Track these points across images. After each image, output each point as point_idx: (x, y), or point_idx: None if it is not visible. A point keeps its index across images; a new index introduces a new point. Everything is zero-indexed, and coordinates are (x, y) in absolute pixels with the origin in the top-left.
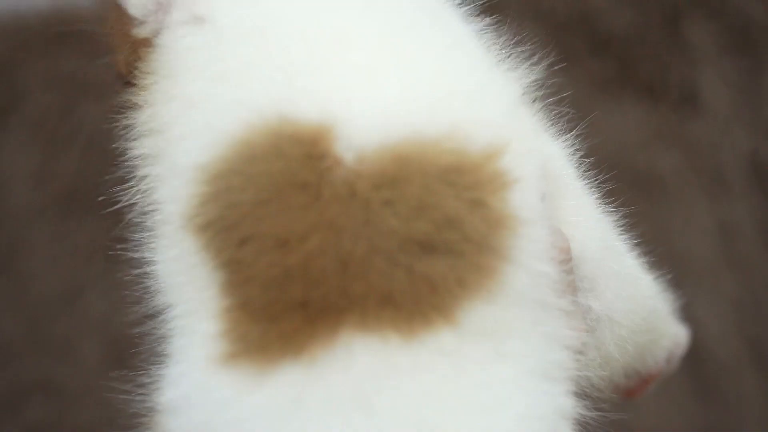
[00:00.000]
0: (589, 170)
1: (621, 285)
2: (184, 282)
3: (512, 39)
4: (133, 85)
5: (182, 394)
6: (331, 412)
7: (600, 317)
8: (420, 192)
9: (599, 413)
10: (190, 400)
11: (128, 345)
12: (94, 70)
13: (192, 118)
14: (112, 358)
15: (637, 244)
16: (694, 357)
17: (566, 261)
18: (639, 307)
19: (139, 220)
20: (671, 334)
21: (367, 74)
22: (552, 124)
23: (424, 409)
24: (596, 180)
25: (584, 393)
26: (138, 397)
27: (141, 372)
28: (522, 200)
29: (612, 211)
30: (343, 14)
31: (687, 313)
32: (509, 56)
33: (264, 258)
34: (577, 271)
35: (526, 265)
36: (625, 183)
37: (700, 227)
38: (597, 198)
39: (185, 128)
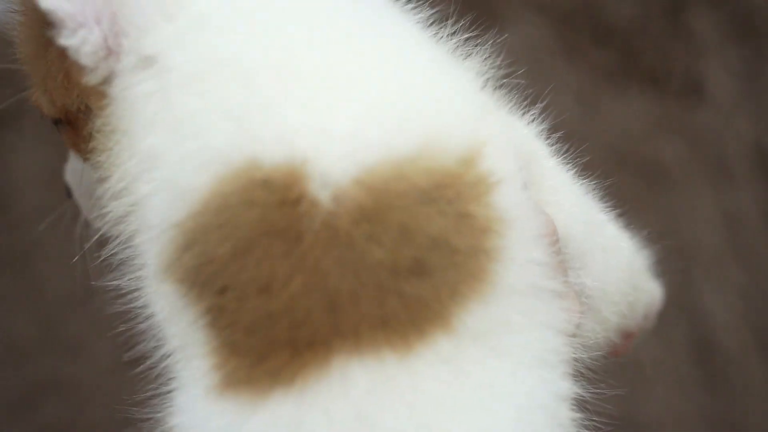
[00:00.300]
0: (561, 146)
1: (608, 256)
2: (174, 328)
3: (455, 24)
4: (58, 123)
5: (185, 423)
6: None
7: (594, 291)
8: (401, 218)
9: (598, 393)
10: (192, 428)
11: (137, 344)
12: None
13: (156, 174)
14: (123, 358)
15: (645, 236)
16: (702, 347)
17: (553, 243)
18: (625, 272)
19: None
20: (649, 290)
21: (327, 102)
22: (516, 105)
23: (427, 418)
24: (601, 169)
25: (581, 373)
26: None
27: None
28: (506, 200)
29: (588, 184)
30: (291, 44)
31: (695, 304)
32: (459, 44)
33: (245, 304)
34: (565, 250)
35: (516, 259)
36: (631, 172)
37: (706, 217)
38: (572, 173)
39: (151, 186)
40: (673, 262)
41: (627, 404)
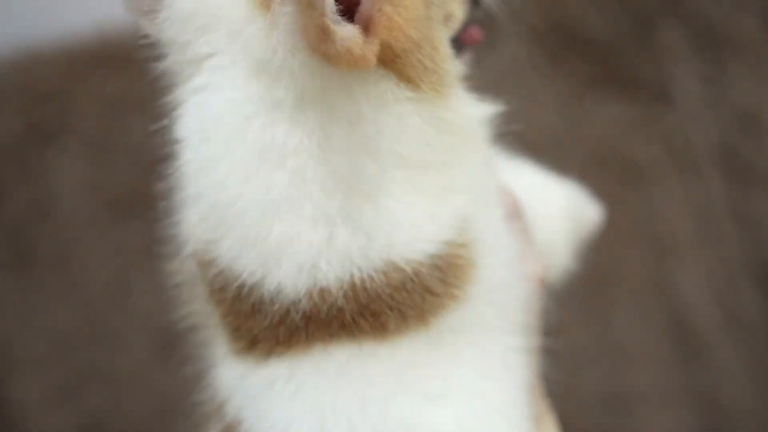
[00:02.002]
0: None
1: (540, 195)
2: (197, 302)
3: None
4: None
5: (216, 367)
6: (321, 381)
7: (537, 220)
8: (363, 301)
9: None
10: (220, 371)
11: (172, 337)
12: (135, 89)
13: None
14: (159, 349)
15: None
16: (678, 326)
17: (516, 213)
18: (558, 206)
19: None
20: (589, 216)
21: (285, 240)
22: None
23: (404, 371)
24: (584, 168)
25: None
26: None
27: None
28: (482, 243)
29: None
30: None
31: (671, 287)
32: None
33: (231, 321)
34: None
35: (487, 281)
36: (610, 171)
37: (678, 209)
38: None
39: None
40: (650, 249)
41: (610, 381)
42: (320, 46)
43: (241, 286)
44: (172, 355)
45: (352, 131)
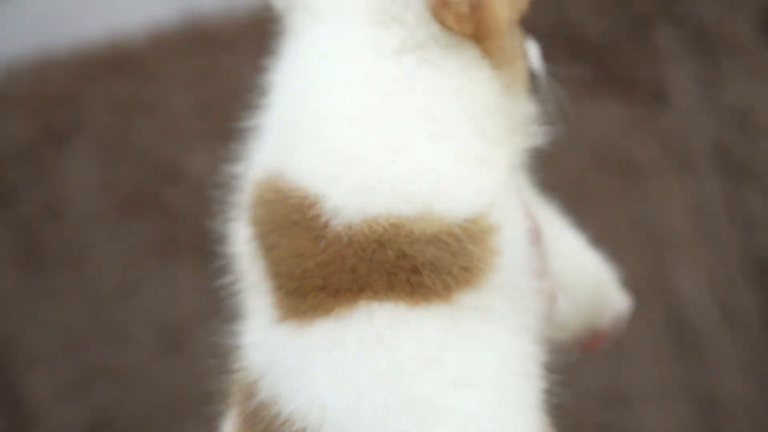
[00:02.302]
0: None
1: (576, 257)
2: (244, 263)
3: None
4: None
5: (253, 340)
6: (360, 349)
7: (562, 275)
8: (403, 248)
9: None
10: (258, 344)
11: (179, 333)
12: (143, 92)
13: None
14: (165, 345)
15: (622, 225)
16: (676, 322)
17: (537, 238)
18: (590, 278)
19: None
20: (615, 299)
21: (350, 155)
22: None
23: (430, 347)
24: (583, 166)
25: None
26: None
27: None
28: (503, 235)
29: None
30: (348, 113)
31: (669, 284)
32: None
33: (286, 263)
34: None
35: (505, 273)
36: (609, 169)
37: (675, 206)
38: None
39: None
40: (649, 247)
41: (611, 377)
42: (438, 11)
43: (303, 204)
44: (179, 351)
45: (440, 76)
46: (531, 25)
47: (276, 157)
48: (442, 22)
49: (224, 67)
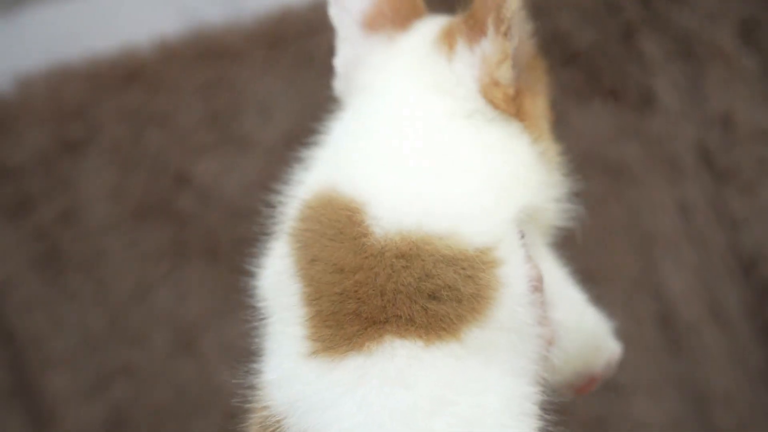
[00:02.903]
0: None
1: (574, 307)
2: (277, 291)
3: None
4: None
5: (279, 377)
6: (382, 386)
7: (560, 326)
8: (426, 267)
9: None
10: (284, 381)
11: (191, 333)
12: (154, 103)
13: (310, 165)
14: (178, 344)
15: (612, 225)
16: (664, 317)
17: (539, 287)
18: (586, 326)
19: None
20: (609, 348)
21: (395, 173)
22: None
23: (442, 388)
24: (574, 169)
25: (545, 385)
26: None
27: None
28: (506, 270)
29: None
30: (390, 132)
31: (656, 281)
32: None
33: (327, 277)
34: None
35: (506, 307)
36: (599, 171)
37: (662, 206)
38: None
39: (306, 170)
40: (638, 246)
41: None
42: (488, 91)
43: (350, 211)
44: (191, 350)
45: (483, 141)
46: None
47: (329, 173)
48: (490, 101)
49: (231, 77)
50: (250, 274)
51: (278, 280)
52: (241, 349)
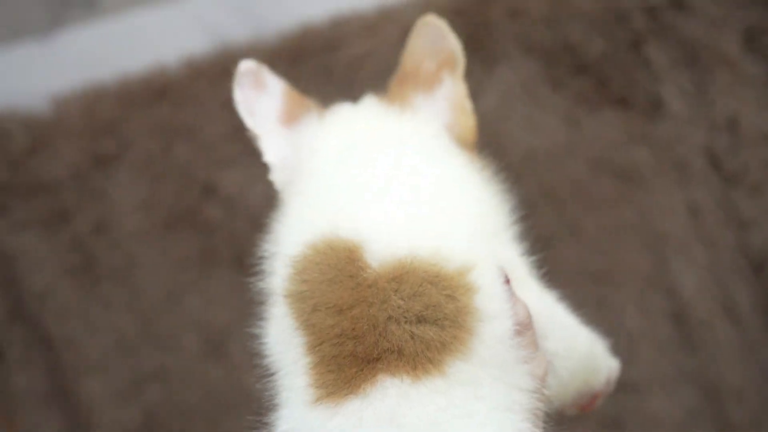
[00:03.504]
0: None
1: (566, 333)
2: (282, 347)
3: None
4: None
5: (289, 429)
6: (377, 428)
7: (554, 354)
8: (414, 286)
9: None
10: (295, 430)
11: (219, 337)
12: (182, 118)
13: (288, 224)
14: (207, 348)
15: (625, 227)
16: (677, 315)
17: (527, 326)
18: (581, 348)
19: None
20: (606, 366)
21: (385, 211)
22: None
23: (430, 425)
24: (586, 173)
25: (541, 417)
26: None
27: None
28: (482, 300)
29: (552, 289)
30: (371, 172)
31: (669, 280)
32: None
33: (328, 321)
34: (535, 325)
35: (486, 341)
36: (610, 176)
37: (672, 209)
38: (541, 283)
39: (285, 230)
40: (650, 247)
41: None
42: (458, 123)
43: (349, 251)
44: (220, 354)
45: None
46: (538, 47)
47: (325, 223)
48: (459, 133)
49: None
50: (257, 335)
51: (282, 338)
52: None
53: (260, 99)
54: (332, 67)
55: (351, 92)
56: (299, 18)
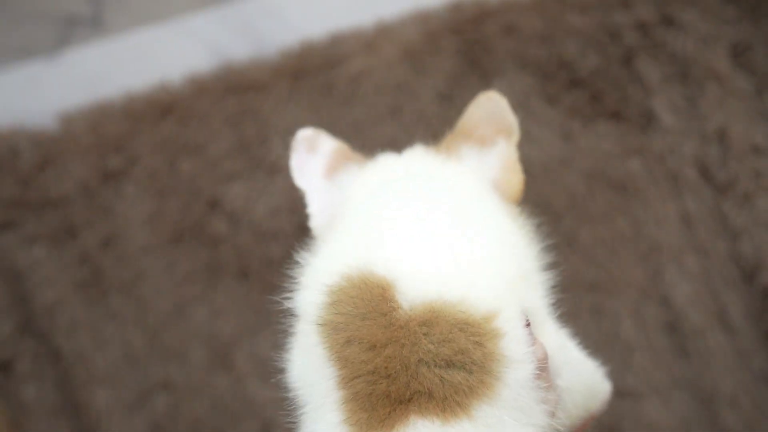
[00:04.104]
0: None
1: (575, 369)
2: (311, 379)
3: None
4: None
5: None
6: None
7: (564, 389)
8: (444, 332)
9: None
10: None
11: (225, 348)
12: (187, 134)
13: (324, 255)
14: (213, 359)
15: (619, 237)
16: (671, 323)
17: (544, 368)
18: (585, 381)
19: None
20: (602, 390)
21: (418, 253)
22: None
23: None
24: (581, 185)
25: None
26: None
27: None
28: (508, 345)
29: (566, 326)
30: (403, 216)
31: (663, 288)
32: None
33: (361, 356)
34: (549, 364)
35: (511, 386)
36: (604, 187)
37: (666, 219)
38: (557, 322)
39: (320, 261)
40: (644, 256)
41: (617, 375)
42: (506, 181)
43: (382, 290)
44: (225, 364)
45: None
46: (533, 63)
47: (360, 258)
48: (506, 189)
49: (257, 108)
50: (281, 369)
51: (311, 370)
52: (273, 363)
53: (310, 160)
54: (332, 84)
55: (351, 107)
56: (300, 35)
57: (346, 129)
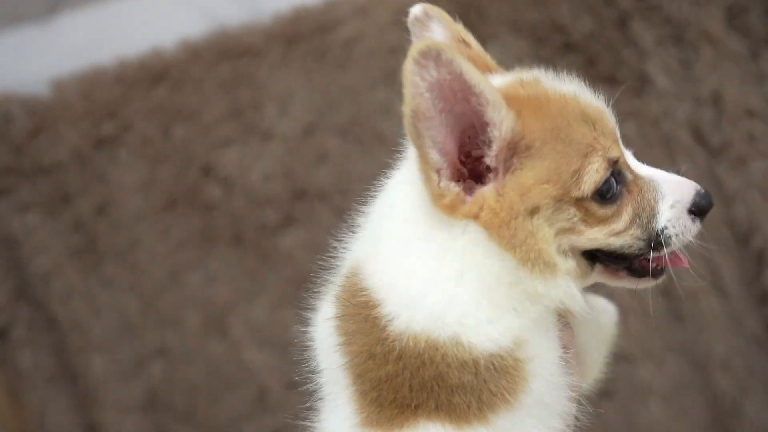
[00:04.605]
0: None
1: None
2: (327, 353)
3: None
4: None
5: None
6: None
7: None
8: (441, 369)
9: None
10: None
11: (219, 315)
12: (180, 99)
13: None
14: (208, 326)
15: None
16: (665, 287)
17: (571, 343)
18: (604, 331)
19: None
20: (612, 323)
21: (419, 295)
22: None
23: None
24: None
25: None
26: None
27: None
28: (535, 365)
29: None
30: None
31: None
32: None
33: (363, 360)
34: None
35: (536, 394)
36: None
37: None
38: None
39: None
40: None
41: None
42: (435, 200)
43: (368, 303)
44: (220, 331)
45: (451, 255)
46: (527, 27)
47: (360, 251)
48: (442, 210)
49: (251, 74)
50: (303, 328)
51: (327, 345)
52: (268, 329)
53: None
54: (326, 48)
55: (344, 72)
56: (293, 1)
57: (339, 93)
